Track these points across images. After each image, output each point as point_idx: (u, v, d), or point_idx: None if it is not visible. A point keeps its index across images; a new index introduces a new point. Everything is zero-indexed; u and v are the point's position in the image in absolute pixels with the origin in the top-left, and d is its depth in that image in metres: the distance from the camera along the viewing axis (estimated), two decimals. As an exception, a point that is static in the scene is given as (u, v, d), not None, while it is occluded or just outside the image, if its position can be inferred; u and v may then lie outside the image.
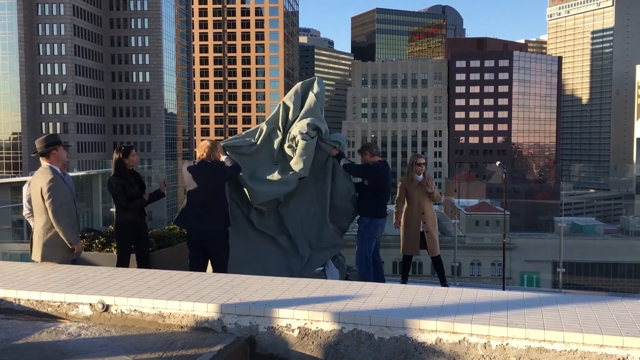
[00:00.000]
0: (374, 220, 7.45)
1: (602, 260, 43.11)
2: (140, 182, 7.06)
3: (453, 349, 4.16)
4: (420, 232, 8.00)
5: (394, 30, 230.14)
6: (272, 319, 4.52)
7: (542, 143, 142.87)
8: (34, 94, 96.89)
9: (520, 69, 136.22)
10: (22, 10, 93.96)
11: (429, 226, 7.92)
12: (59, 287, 5.27)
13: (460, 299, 4.83)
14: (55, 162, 6.21)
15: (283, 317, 4.50)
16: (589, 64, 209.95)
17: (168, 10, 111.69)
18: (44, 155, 6.19)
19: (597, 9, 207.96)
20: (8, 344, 4.45)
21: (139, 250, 7.01)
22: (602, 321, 4.22)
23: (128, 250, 6.94)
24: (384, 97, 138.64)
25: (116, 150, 6.99)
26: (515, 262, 39.49)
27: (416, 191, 7.89)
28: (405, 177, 8.01)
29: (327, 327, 4.40)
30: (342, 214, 7.57)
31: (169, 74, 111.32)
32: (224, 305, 4.66)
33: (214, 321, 4.66)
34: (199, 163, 6.48)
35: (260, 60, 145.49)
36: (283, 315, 4.51)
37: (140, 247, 7.02)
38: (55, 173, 6.12)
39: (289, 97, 7.56)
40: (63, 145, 6.30)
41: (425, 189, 7.84)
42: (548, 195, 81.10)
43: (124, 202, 6.81)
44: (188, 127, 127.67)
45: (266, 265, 7.03)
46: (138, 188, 6.96)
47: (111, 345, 4.43)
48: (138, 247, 7.00)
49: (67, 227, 6.07)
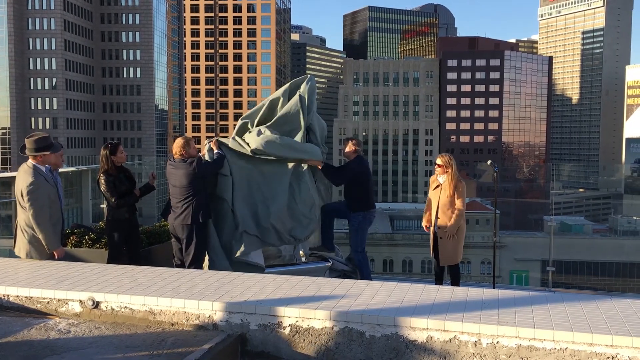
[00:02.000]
0: (366, 213, 7.53)
1: (590, 259, 43.44)
2: (131, 178, 7.03)
3: (444, 347, 4.18)
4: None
5: (386, 29, 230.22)
6: (264, 317, 4.52)
7: (532, 142, 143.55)
8: (23, 88, 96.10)
9: (511, 69, 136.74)
10: (12, 5, 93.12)
11: (442, 232, 7.32)
12: (49, 283, 5.23)
13: (451, 297, 4.85)
14: (42, 163, 6.14)
15: (274, 315, 4.50)
16: (579, 64, 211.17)
17: (159, 5, 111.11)
18: (30, 155, 6.13)
19: (588, 10, 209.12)
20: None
21: (131, 247, 6.99)
22: (592, 320, 4.24)
23: (120, 247, 6.91)
24: (375, 95, 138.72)
25: (104, 147, 6.96)
26: (504, 260, 39.70)
27: (433, 194, 7.46)
28: (432, 177, 7.75)
29: (319, 325, 4.40)
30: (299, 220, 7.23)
31: (160, 69, 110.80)
32: (215, 302, 4.64)
33: (205, 318, 4.65)
34: (173, 160, 6.82)
35: (252, 57, 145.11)
36: (274, 312, 4.50)
37: (131, 244, 6.99)
38: (37, 174, 6.03)
39: (278, 96, 7.44)
40: (53, 152, 6.18)
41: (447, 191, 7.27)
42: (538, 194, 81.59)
43: (115, 199, 6.78)
44: (179, 124, 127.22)
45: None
46: (128, 184, 6.94)
47: (101, 342, 4.41)
48: (129, 244, 6.98)
49: (46, 231, 5.99)
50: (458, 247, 7.39)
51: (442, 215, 7.27)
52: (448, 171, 7.29)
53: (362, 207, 7.48)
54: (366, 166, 7.60)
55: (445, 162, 7.28)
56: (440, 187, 7.34)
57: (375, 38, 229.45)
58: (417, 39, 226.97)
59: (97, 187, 7.09)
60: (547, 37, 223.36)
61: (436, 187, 7.43)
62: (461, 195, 7.23)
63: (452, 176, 7.25)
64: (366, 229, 7.63)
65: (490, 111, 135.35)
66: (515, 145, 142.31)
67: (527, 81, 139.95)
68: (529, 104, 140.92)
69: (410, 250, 50.27)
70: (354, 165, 7.43)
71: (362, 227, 7.54)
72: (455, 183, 7.21)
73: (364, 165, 7.55)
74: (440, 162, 7.32)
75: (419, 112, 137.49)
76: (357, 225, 7.51)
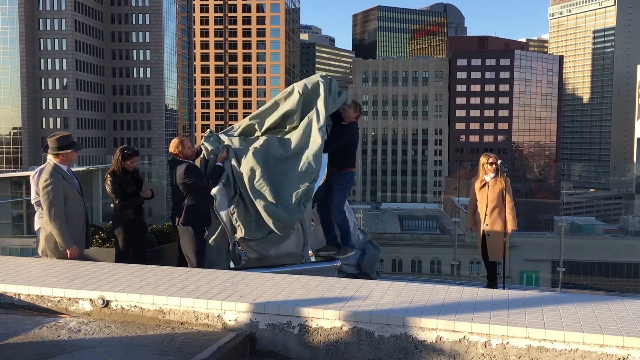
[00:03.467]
0: (352, 173, 7.84)
1: (601, 259, 43.13)
2: (138, 179, 7.07)
3: (453, 347, 4.16)
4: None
5: (395, 28, 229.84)
6: (273, 316, 4.52)
7: (542, 142, 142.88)
8: (34, 89, 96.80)
9: (521, 68, 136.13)
10: (23, 5, 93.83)
11: (489, 229, 7.63)
12: (59, 282, 5.26)
13: (460, 297, 4.83)
14: (64, 162, 6.25)
15: (283, 314, 4.50)
16: (590, 63, 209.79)
17: (169, 6, 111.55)
18: (53, 153, 6.22)
19: (599, 9, 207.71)
20: (8, 339, 4.45)
21: (137, 247, 7.02)
22: (603, 321, 4.21)
23: (126, 247, 6.95)
24: (384, 95, 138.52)
25: (120, 149, 6.98)
26: (514, 261, 39.52)
27: (480, 193, 7.72)
28: (474, 178, 7.95)
29: (327, 325, 4.40)
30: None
31: (169, 69, 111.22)
32: (224, 301, 4.65)
33: (214, 318, 4.66)
34: (169, 160, 6.93)
35: (261, 57, 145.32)
36: (283, 312, 4.50)
37: (137, 244, 7.03)
38: (55, 172, 6.12)
39: (291, 102, 7.30)
40: (75, 150, 6.34)
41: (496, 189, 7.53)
42: (548, 194, 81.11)
43: (120, 201, 6.83)
44: (188, 123, 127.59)
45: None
46: (135, 186, 6.97)
47: (111, 341, 4.43)
48: (135, 244, 7.01)
49: (59, 228, 6.05)
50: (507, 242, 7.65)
51: (493, 213, 7.55)
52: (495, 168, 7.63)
53: (349, 165, 7.76)
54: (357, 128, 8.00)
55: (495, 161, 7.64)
56: (488, 185, 7.62)
57: (385, 38, 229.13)
58: (426, 39, 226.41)
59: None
60: (557, 36, 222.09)
61: (482, 186, 7.68)
62: (509, 191, 7.56)
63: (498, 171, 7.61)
64: (350, 189, 7.93)
65: (500, 111, 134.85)
66: (525, 145, 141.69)
67: (537, 80, 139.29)
68: (539, 103, 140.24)
69: (419, 250, 50.17)
70: (350, 132, 7.78)
71: (348, 187, 7.83)
72: (504, 179, 7.53)
73: (357, 128, 7.99)
74: (493, 160, 7.63)
75: (428, 111, 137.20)
76: (344, 184, 7.70)
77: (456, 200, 44.08)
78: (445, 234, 56.92)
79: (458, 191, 47.20)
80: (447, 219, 65.23)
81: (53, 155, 6.22)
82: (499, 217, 7.51)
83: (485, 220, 7.62)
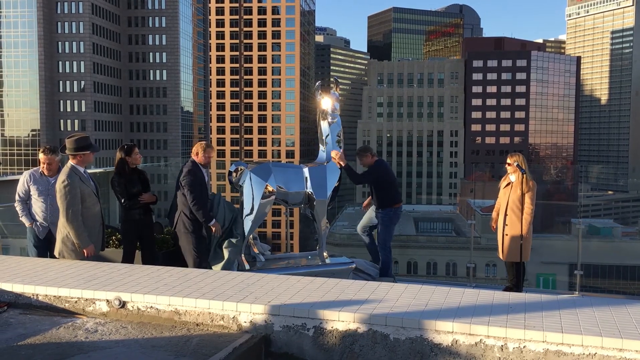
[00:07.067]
0: (395, 209, 8.02)
1: (619, 262, 42.59)
2: (144, 180, 7.10)
3: (469, 350, 4.13)
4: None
5: (410, 30, 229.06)
6: (288, 318, 4.52)
7: (559, 144, 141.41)
8: (52, 91, 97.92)
9: (538, 69, 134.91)
10: (42, 9, 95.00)
11: (508, 230, 7.51)
12: (77, 283, 5.31)
13: (477, 300, 4.79)
14: (81, 163, 6.32)
15: (298, 316, 4.50)
16: (608, 64, 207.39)
17: (185, 8, 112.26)
18: (70, 154, 6.29)
19: (617, 9, 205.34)
20: (26, 339, 4.50)
21: (144, 247, 7.05)
22: (622, 325, 4.16)
23: (133, 246, 7.00)
24: (399, 97, 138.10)
25: (119, 149, 7.05)
26: (531, 263, 39.13)
27: (503, 193, 7.63)
28: (504, 177, 7.85)
29: (342, 327, 4.39)
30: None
31: (185, 72, 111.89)
32: (239, 303, 4.66)
33: (230, 319, 4.67)
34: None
35: (277, 59, 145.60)
36: (298, 314, 4.50)
37: (145, 244, 7.06)
38: (72, 174, 6.20)
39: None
40: (92, 152, 6.43)
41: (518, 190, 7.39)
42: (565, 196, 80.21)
43: (125, 200, 6.87)
44: (204, 125, 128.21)
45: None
46: (141, 186, 6.99)
47: (127, 341, 4.46)
48: (143, 244, 7.04)
49: (75, 228, 6.11)
50: (526, 245, 7.46)
51: (511, 213, 7.44)
52: (515, 169, 7.40)
53: (389, 204, 7.95)
54: (386, 166, 8.12)
55: (515, 161, 7.40)
56: (511, 186, 7.52)
57: (400, 39, 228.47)
58: (442, 40, 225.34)
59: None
60: (575, 37, 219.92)
61: (506, 185, 7.60)
62: (531, 194, 7.37)
63: (516, 171, 7.40)
64: (394, 224, 8.10)
65: (516, 112, 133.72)
66: (542, 147, 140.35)
67: (554, 82, 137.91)
68: (557, 104, 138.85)
69: (434, 253, 49.90)
70: (374, 169, 7.96)
71: (392, 222, 8.01)
72: (526, 181, 7.34)
73: (384, 165, 8.08)
74: (509, 160, 7.48)
75: (443, 113, 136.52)
76: (387, 220, 7.95)
77: (472, 202, 43.72)
78: (461, 236, 56.54)
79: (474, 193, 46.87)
80: (463, 221, 64.77)
81: (70, 156, 6.29)
82: (517, 218, 7.40)
83: (505, 220, 7.54)
